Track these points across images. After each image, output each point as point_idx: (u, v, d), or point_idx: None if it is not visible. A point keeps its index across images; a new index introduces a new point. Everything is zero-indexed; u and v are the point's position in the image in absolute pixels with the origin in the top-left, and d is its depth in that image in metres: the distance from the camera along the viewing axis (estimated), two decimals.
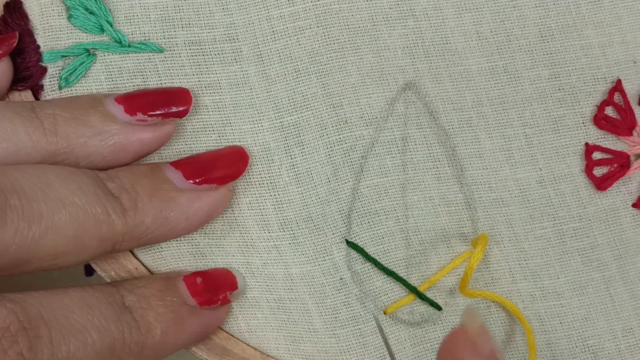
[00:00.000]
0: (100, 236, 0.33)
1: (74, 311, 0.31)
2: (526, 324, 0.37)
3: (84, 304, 0.32)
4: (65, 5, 0.37)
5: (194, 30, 0.37)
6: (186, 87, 0.37)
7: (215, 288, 0.35)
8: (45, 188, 0.32)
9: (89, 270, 0.39)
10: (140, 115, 0.35)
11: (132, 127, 0.34)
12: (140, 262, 0.36)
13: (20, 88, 0.36)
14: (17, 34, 0.35)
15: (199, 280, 0.35)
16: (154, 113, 0.35)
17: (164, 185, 0.34)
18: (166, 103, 0.35)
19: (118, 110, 0.34)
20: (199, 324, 0.35)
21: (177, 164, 0.35)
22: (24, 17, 0.37)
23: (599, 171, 0.40)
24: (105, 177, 0.34)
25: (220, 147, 0.37)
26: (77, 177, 0.33)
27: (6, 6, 0.37)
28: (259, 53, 0.38)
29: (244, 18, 0.38)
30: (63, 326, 0.31)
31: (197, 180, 0.35)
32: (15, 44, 0.35)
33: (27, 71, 0.36)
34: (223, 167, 0.36)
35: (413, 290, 0.38)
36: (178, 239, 0.36)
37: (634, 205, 0.40)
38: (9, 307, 0.30)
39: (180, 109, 0.35)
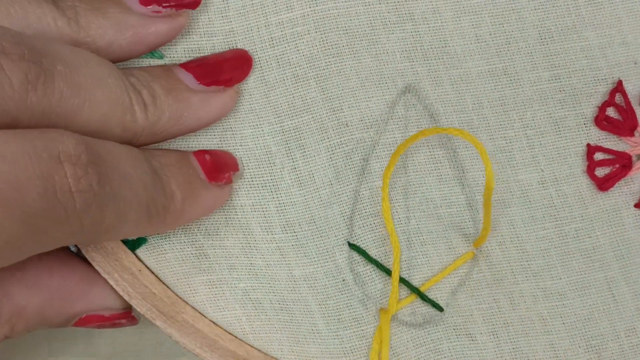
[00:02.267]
0: (124, 125, 0.34)
1: (124, 160, 0.33)
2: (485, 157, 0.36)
3: (131, 157, 0.33)
4: None
5: (193, 38, 0.38)
6: None
7: (221, 166, 0.36)
8: (84, 64, 0.33)
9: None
10: (155, 7, 0.36)
11: (148, 18, 0.35)
12: (144, 264, 0.37)
13: None
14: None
15: (207, 157, 0.36)
16: (167, 4, 0.36)
17: (178, 85, 0.36)
18: None
19: (133, 1, 0.35)
20: (209, 198, 0.36)
21: (188, 67, 0.36)
22: None
23: (600, 172, 0.40)
24: (127, 71, 0.35)
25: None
26: (108, 64, 0.34)
27: None
28: (258, 59, 0.38)
29: (243, 25, 0.38)
30: (117, 170, 0.32)
31: (207, 82, 0.36)
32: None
33: None
34: (230, 70, 0.37)
35: (415, 290, 0.38)
36: (181, 241, 0.37)
37: (636, 206, 0.40)
38: (77, 137, 0.31)
39: None
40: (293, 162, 0.38)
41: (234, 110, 0.38)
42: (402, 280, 0.38)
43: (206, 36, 0.38)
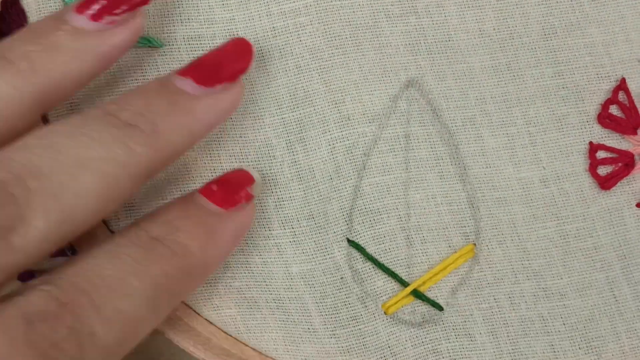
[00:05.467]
0: (130, 174, 0.32)
1: (105, 267, 0.31)
2: None
3: (111, 257, 0.31)
4: (63, 1, 0.37)
5: (193, 26, 0.37)
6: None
7: (233, 188, 0.35)
8: (58, 156, 0.30)
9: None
10: (107, 18, 0.33)
11: (105, 32, 0.33)
12: None
13: None
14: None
15: (214, 187, 0.34)
16: (119, 10, 0.33)
17: (179, 97, 0.33)
18: None
19: (83, 21, 0.33)
20: (231, 228, 0.34)
21: (185, 72, 0.34)
22: (21, 12, 0.36)
23: (603, 170, 0.39)
24: (116, 108, 0.32)
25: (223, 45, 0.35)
26: (85, 127, 0.31)
27: (3, 3, 0.36)
28: (259, 49, 0.37)
29: (244, 14, 0.38)
30: (100, 286, 0.30)
31: (209, 83, 0.34)
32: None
33: None
34: (231, 63, 0.34)
35: (413, 292, 0.37)
36: None
37: (638, 205, 0.40)
38: (43, 289, 0.29)
39: None
40: (293, 155, 0.37)
41: None
42: (400, 279, 0.37)
43: (206, 24, 0.37)
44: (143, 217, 0.33)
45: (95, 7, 0.33)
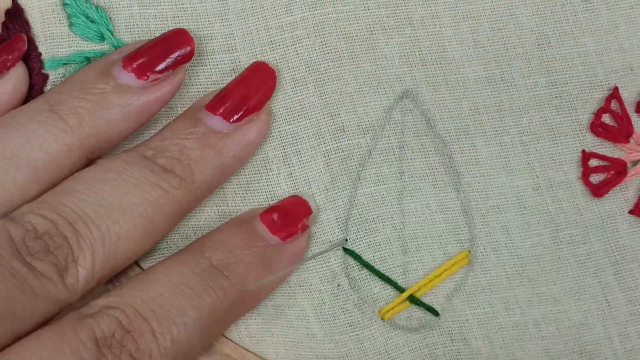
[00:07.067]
0: (166, 215, 0.34)
1: (166, 297, 0.32)
2: None
3: (173, 286, 0.33)
4: (67, 12, 0.37)
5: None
6: (185, 97, 0.37)
7: (292, 219, 0.36)
8: (102, 202, 0.32)
9: None
10: (152, 76, 0.35)
11: (148, 89, 0.35)
12: (139, 266, 0.36)
13: None
14: (23, 36, 0.36)
15: (275, 216, 0.35)
16: (163, 68, 0.35)
17: (211, 137, 0.35)
18: (170, 51, 0.35)
19: (130, 78, 0.34)
20: (285, 259, 0.35)
21: (214, 108, 0.35)
22: (25, 24, 0.37)
23: (595, 178, 0.40)
24: (152, 154, 0.34)
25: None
26: (125, 174, 0.33)
27: (7, 13, 0.37)
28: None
29: (243, 28, 0.38)
30: (161, 316, 0.32)
31: (238, 118, 0.35)
32: (25, 46, 0.35)
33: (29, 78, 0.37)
34: (256, 93, 0.36)
35: (409, 298, 0.38)
36: (178, 246, 0.37)
37: (631, 212, 0.40)
38: (111, 314, 0.31)
39: (187, 50, 0.35)
40: (289, 167, 0.38)
41: None
42: (396, 286, 0.38)
43: (205, 39, 0.38)
44: (205, 241, 0.35)
45: (141, 64, 0.34)
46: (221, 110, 0.35)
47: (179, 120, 0.35)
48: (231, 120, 0.35)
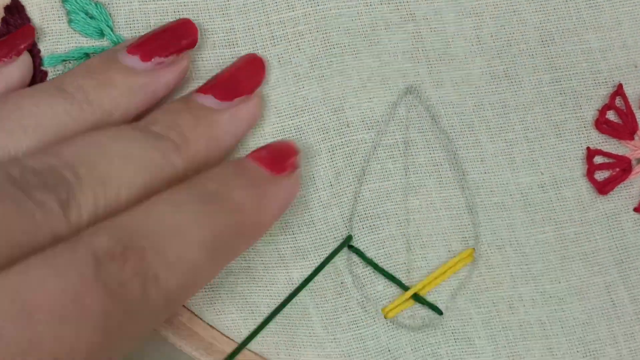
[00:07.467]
0: (165, 177, 0.33)
1: (166, 216, 0.32)
2: None
3: (172, 207, 0.32)
4: (66, 9, 0.37)
5: None
6: (186, 92, 0.37)
7: (282, 155, 0.36)
8: (103, 149, 0.32)
9: None
10: (156, 59, 0.36)
11: (154, 72, 0.36)
12: None
13: None
14: (32, 25, 0.37)
15: (264, 153, 0.35)
16: (167, 52, 0.36)
17: (202, 111, 0.35)
18: (175, 39, 0.36)
19: (135, 61, 0.35)
20: (281, 191, 0.35)
21: (206, 90, 0.36)
22: (25, 20, 0.37)
23: (600, 175, 0.40)
24: (144, 124, 0.34)
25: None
26: (124, 132, 0.34)
27: (7, 9, 0.37)
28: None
29: (244, 23, 0.38)
30: (163, 233, 0.31)
31: (229, 97, 0.36)
32: (35, 35, 0.36)
33: None
34: (246, 78, 0.37)
35: (413, 296, 0.38)
36: None
37: (636, 210, 0.40)
38: (110, 231, 0.30)
39: (190, 39, 0.36)
40: None
41: None
42: (399, 283, 0.38)
43: (206, 34, 0.37)
44: (199, 175, 0.34)
45: (146, 48, 0.36)
46: (212, 90, 0.36)
47: (170, 102, 0.36)
48: (222, 98, 0.36)
